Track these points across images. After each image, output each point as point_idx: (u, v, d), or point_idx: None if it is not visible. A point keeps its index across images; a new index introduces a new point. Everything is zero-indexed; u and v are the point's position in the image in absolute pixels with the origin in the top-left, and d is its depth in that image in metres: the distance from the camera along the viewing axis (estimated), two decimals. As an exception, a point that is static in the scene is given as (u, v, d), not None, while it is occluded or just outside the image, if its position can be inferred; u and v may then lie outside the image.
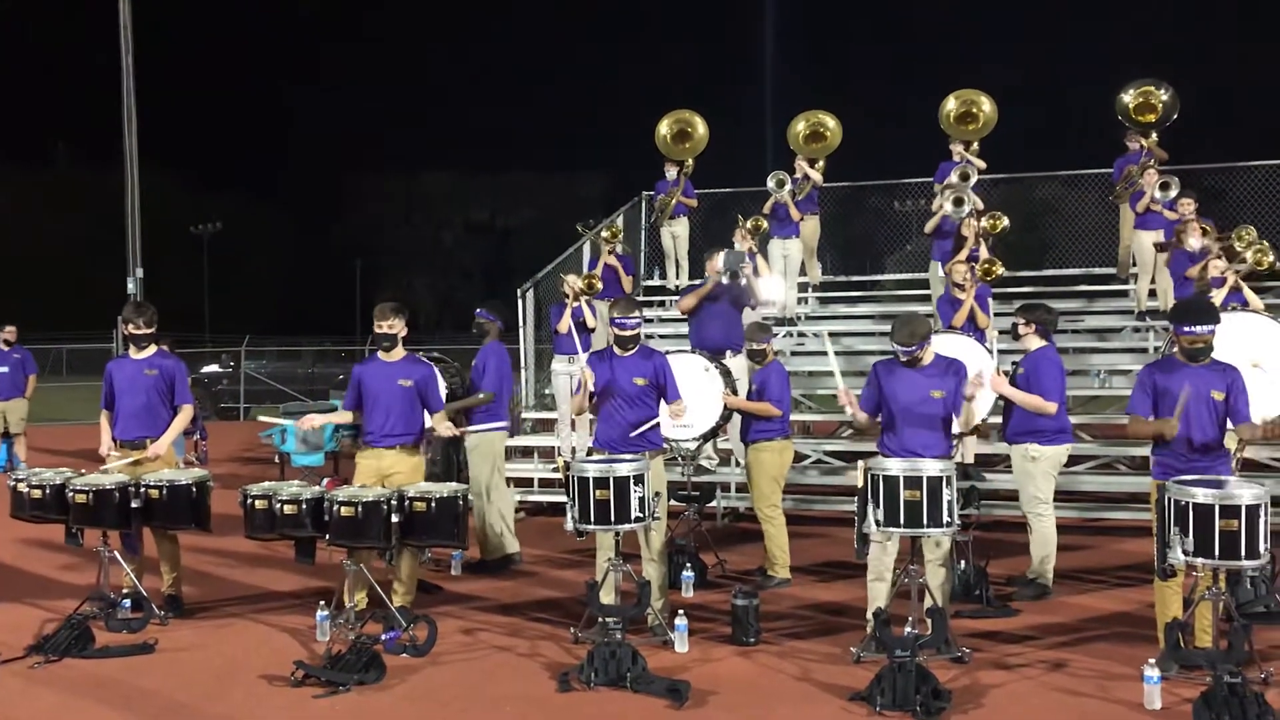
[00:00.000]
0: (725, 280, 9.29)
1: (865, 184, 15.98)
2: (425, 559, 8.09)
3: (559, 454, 10.94)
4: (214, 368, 25.88)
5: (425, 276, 48.01)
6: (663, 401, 6.57)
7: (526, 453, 11.74)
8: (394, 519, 6.29)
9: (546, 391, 12.18)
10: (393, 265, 48.23)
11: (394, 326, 6.90)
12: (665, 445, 7.14)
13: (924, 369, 6.11)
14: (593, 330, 10.83)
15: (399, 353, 6.99)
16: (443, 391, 8.45)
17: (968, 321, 9.45)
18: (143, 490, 6.79)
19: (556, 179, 46.01)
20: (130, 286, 18.04)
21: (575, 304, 10.62)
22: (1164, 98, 11.94)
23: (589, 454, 6.63)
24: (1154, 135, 11.96)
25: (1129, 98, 12.02)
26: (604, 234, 12.29)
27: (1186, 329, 5.67)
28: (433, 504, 6.35)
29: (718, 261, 9.41)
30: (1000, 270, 10.46)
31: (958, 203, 10.83)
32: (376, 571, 6.83)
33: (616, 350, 6.63)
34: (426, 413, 6.96)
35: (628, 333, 6.55)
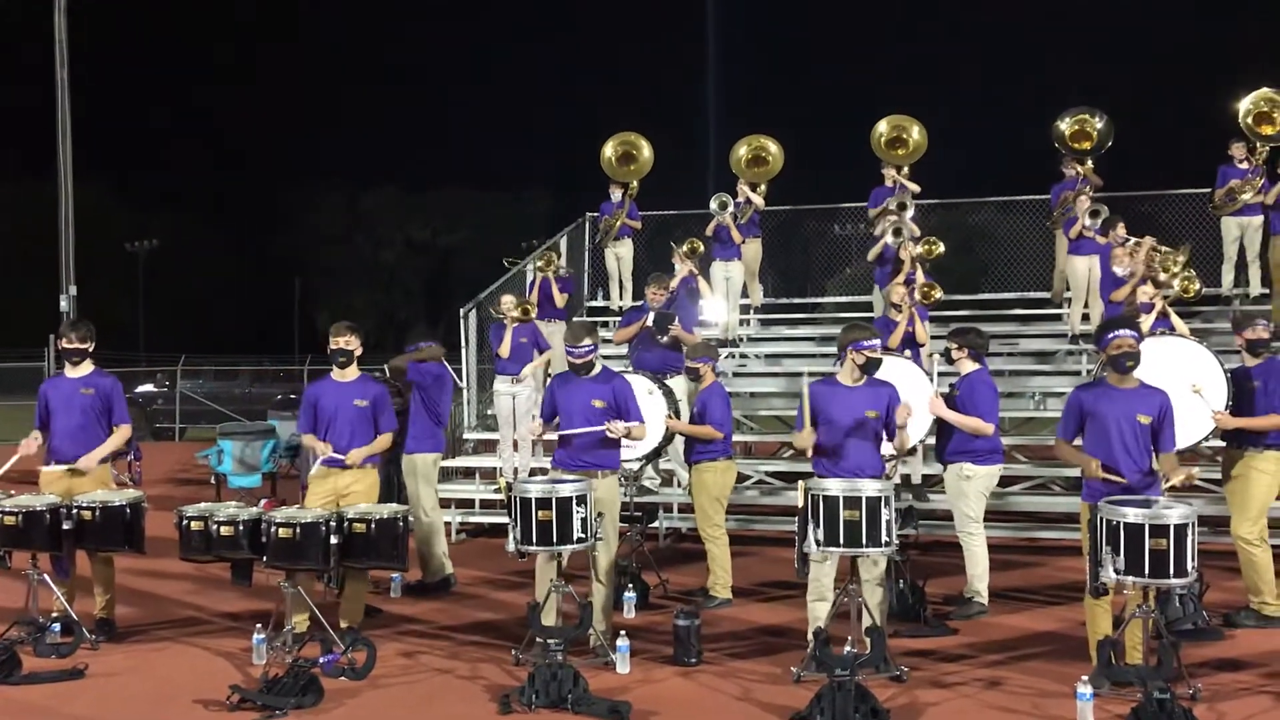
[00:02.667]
0: (651, 326, 9.48)
1: (805, 208, 16.16)
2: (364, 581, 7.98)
3: (500, 475, 10.88)
4: (149, 387, 25.38)
5: (366, 295, 47.48)
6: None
7: (468, 473, 11.66)
8: (333, 540, 6.21)
9: (489, 412, 12.11)
10: (333, 283, 47.69)
11: (350, 343, 6.89)
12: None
13: (858, 389, 6.19)
14: (540, 351, 10.80)
15: (353, 372, 6.95)
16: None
17: (908, 340, 9.57)
18: (75, 511, 6.64)
19: (501, 197, 45.83)
20: (63, 304, 17.66)
21: (515, 325, 10.61)
22: (1099, 126, 12.22)
23: (536, 474, 6.62)
24: (1089, 162, 12.21)
25: (1065, 125, 12.28)
26: (538, 261, 12.35)
27: (1110, 336, 5.82)
28: (373, 525, 6.29)
29: (649, 317, 9.57)
30: (939, 294, 10.62)
31: (896, 232, 11.01)
32: (316, 594, 6.73)
33: (576, 374, 6.65)
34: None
35: (579, 360, 6.57)
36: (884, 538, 5.68)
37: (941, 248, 10.79)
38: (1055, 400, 11.58)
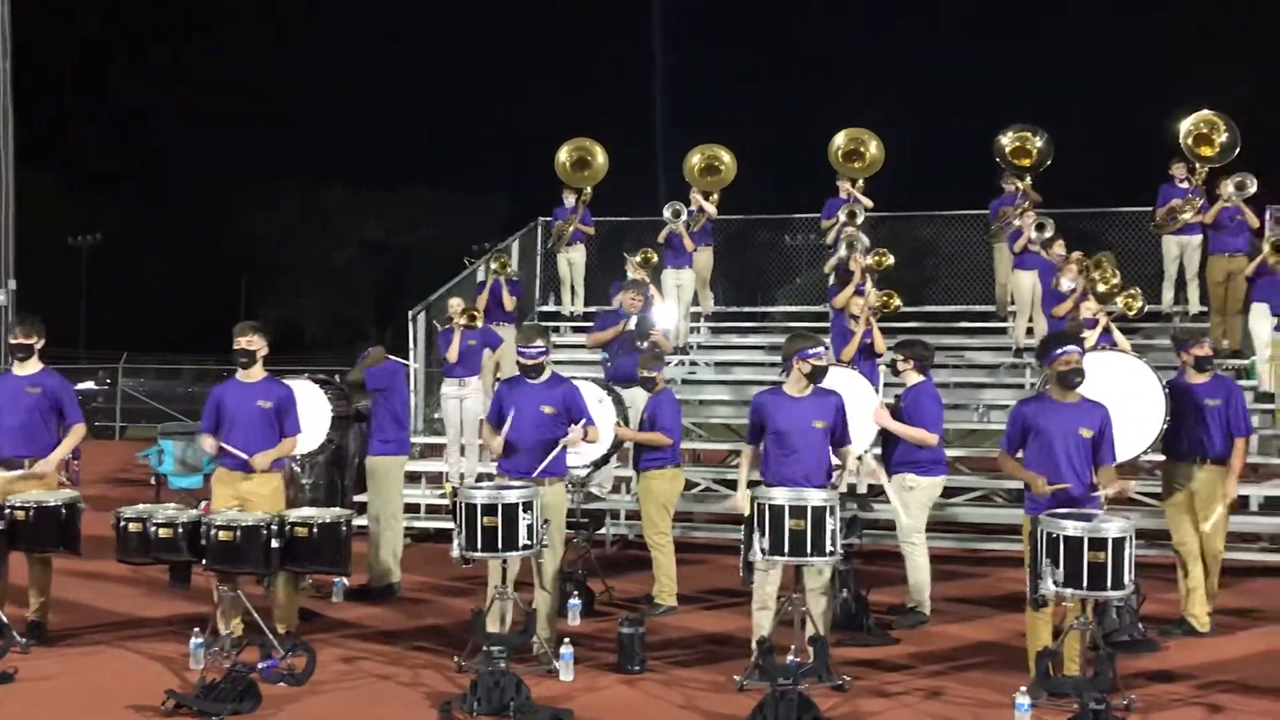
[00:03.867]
0: (634, 331, 9.53)
1: (757, 218, 16.22)
2: (306, 585, 7.89)
3: (447, 480, 10.81)
4: (89, 385, 24.94)
5: (315, 294, 46.88)
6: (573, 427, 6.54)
7: (414, 478, 11.56)
8: (274, 544, 6.13)
9: (435, 416, 12.03)
10: (281, 282, 47.03)
11: (253, 343, 6.78)
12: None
13: (804, 399, 6.22)
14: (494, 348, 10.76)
15: (258, 372, 6.86)
16: (321, 417, 8.31)
17: (865, 350, 9.62)
18: (8, 511, 6.48)
19: (456, 198, 45.47)
20: (2, 299, 17.27)
21: (463, 329, 10.55)
22: (1039, 144, 12.38)
23: (483, 479, 6.57)
24: (1028, 179, 12.38)
25: (1006, 141, 12.45)
26: (492, 264, 12.25)
27: (1057, 352, 5.89)
28: (315, 529, 6.22)
29: (630, 322, 9.60)
30: (897, 303, 10.73)
31: (849, 245, 11.09)
32: (254, 598, 6.63)
33: (526, 378, 6.61)
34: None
35: (530, 361, 6.53)
36: (829, 547, 5.71)
37: (891, 259, 10.88)
38: (999, 413, 11.73)
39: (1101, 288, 9.97)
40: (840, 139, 13.01)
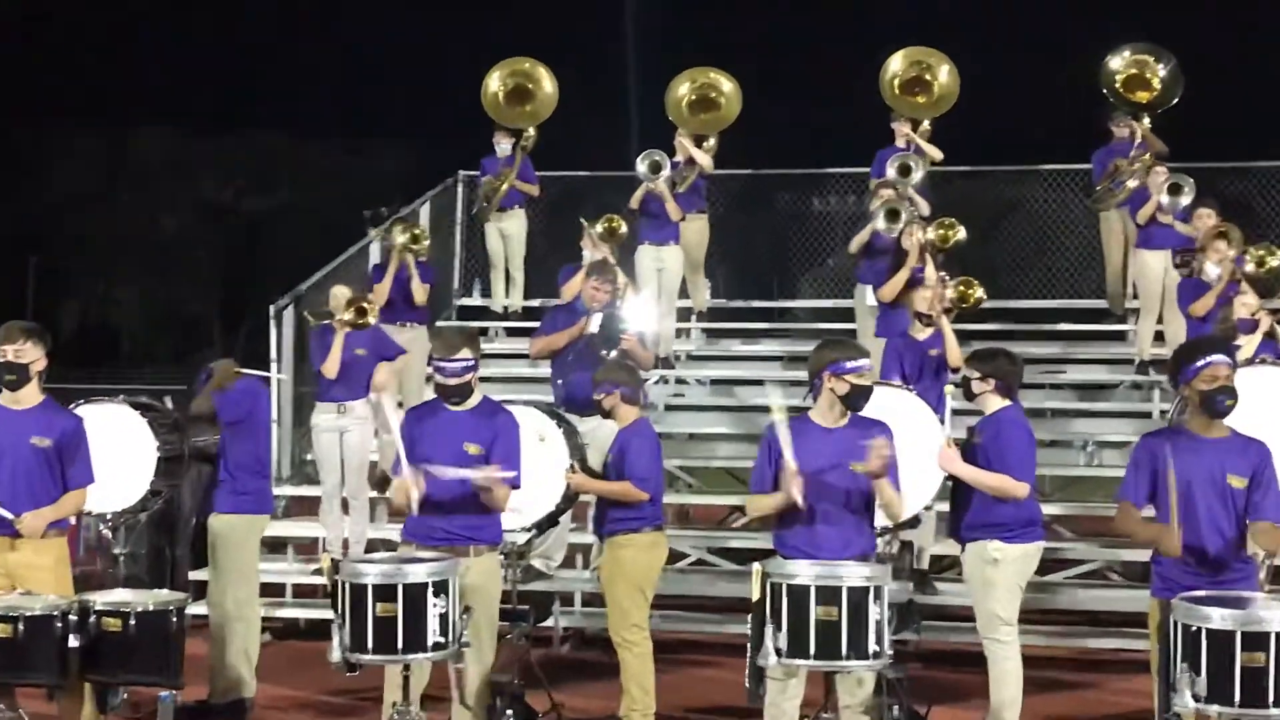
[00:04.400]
0: (594, 333, 9.52)
1: (773, 173, 16.30)
2: (118, 702, 7.80)
3: (324, 549, 10.75)
4: None
5: (135, 281, 46.46)
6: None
7: (277, 547, 11.51)
8: (72, 642, 6.09)
9: (307, 457, 11.98)
10: (85, 263, 46.53)
11: (23, 353, 6.75)
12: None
13: (839, 432, 6.24)
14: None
15: (32, 395, 6.84)
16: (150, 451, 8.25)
17: (923, 365, 9.67)
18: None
19: (333, 147, 45.18)
20: None
21: (348, 330, 10.51)
22: (1163, 72, 12.47)
23: (376, 548, 6.54)
24: (1147, 120, 12.49)
25: (1118, 65, 12.54)
26: (399, 238, 12.13)
27: (1198, 365, 5.91)
28: (132, 621, 6.19)
29: (593, 322, 9.63)
30: (979, 295, 10.62)
31: (891, 216, 11.07)
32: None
33: (446, 405, 6.59)
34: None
35: (454, 380, 6.52)
36: (872, 646, 5.71)
37: (962, 233, 10.94)
38: (1116, 453, 11.79)
39: (1250, 267, 10.04)
40: (898, 63, 13.08)
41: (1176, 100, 12.49)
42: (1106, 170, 12.87)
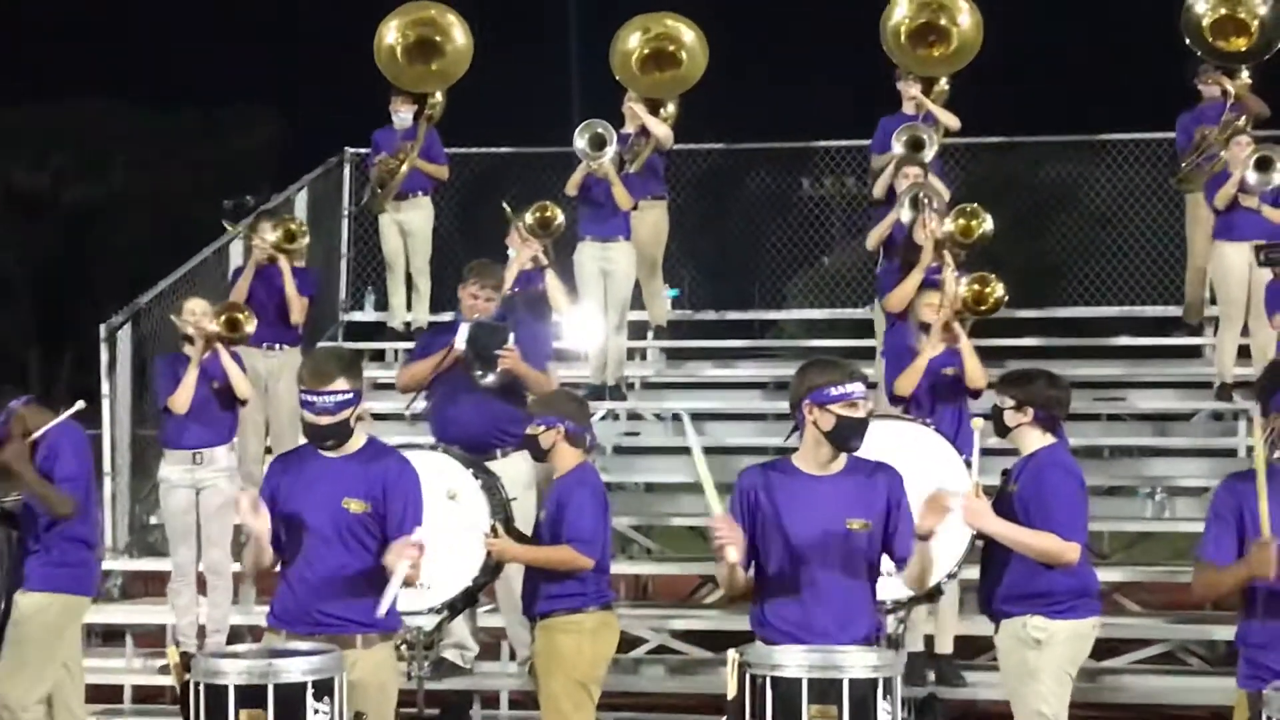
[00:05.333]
0: (465, 352, 9.40)
1: (750, 147, 16.34)
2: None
3: (174, 640, 10.68)
4: None
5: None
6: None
7: (112, 637, 11.45)
8: None
9: (151, 520, 11.90)
10: None
11: None
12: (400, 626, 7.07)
13: (830, 480, 6.24)
14: (243, 403, 10.68)
15: None
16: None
17: (947, 386, 9.72)
18: None
19: (183, 118, 44.85)
20: None
21: (207, 354, 10.46)
22: (1263, 11, 12.60)
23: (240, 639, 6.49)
24: (1245, 74, 12.60)
25: (1204, 9, 12.65)
26: (268, 235, 12.06)
27: None
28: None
29: (459, 338, 9.48)
30: (999, 295, 10.66)
31: (915, 202, 11.11)
32: None
33: (319, 449, 6.55)
34: None
35: (326, 419, 6.46)
36: (883, 756, 5.71)
37: (989, 224, 10.97)
38: (1191, 501, 11.85)
39: None
40: (904, 6, 13.14)
41: None
42: (1194, 141, 12.94)
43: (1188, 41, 12.66)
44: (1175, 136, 13.40)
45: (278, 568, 6.51)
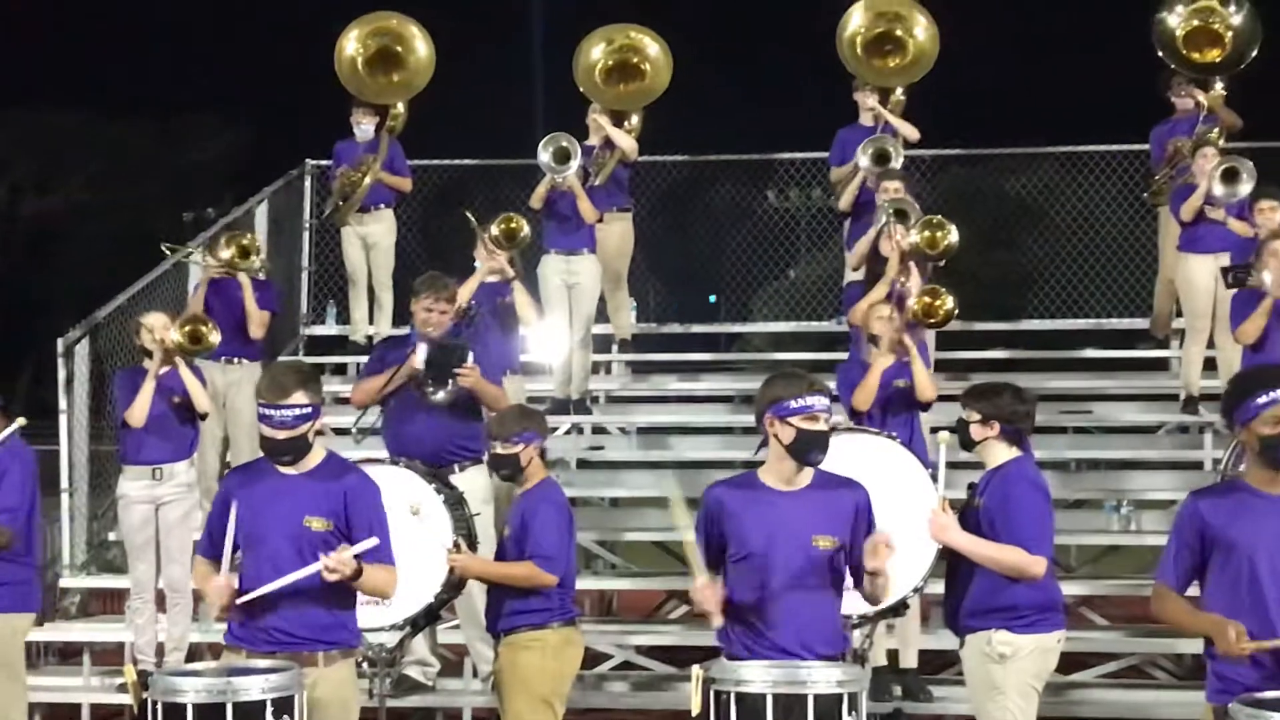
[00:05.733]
0: (422, 370, 9.40)
1: (716, 159, 16.35)
2: None
3: (132, 658, 10.64)
4: None
5: None
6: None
7: (70, 655, 11.39)
8: None
9: (109, 536, 11.85)
10: None
11: None
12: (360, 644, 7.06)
13: (795, 495, 6.26)
14: (203, 418, 10.65)
15: None
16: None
17: (898, 398, 9.74)
18: None
19: (142, 128, 44.55)
20: None
21: (165, 368, 10.43)
22: (1235, 21, 12.63)
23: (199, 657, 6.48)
24: (1219, 85, 12.63)
25: (1177, 19, 12.67)
26: (222, 252, 11.99)
27: (1257, 402, 5.94)
28: None
29: (418, 354, 9.46)
30: (949, 307, 10.69)
31: (902, 218, 11.10)
32: None
33: (278, 467, 6.55)
34: None
35: (284, 433, 6.45)
36: (847, 771, 5.73)
37: (955, 236, 10.99)
38: (1157, 515, 11.89)
39: None
40: (859, 15, 13.17)
41: (1253, 54, 12.62)
42: (1166, 153, 12.98)
43: (1160, 53, 12.67)
44: (1145, 148, 13.45)
45: (236, 584, 6.50)
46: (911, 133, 12.80)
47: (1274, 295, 9.89)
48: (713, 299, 18.83)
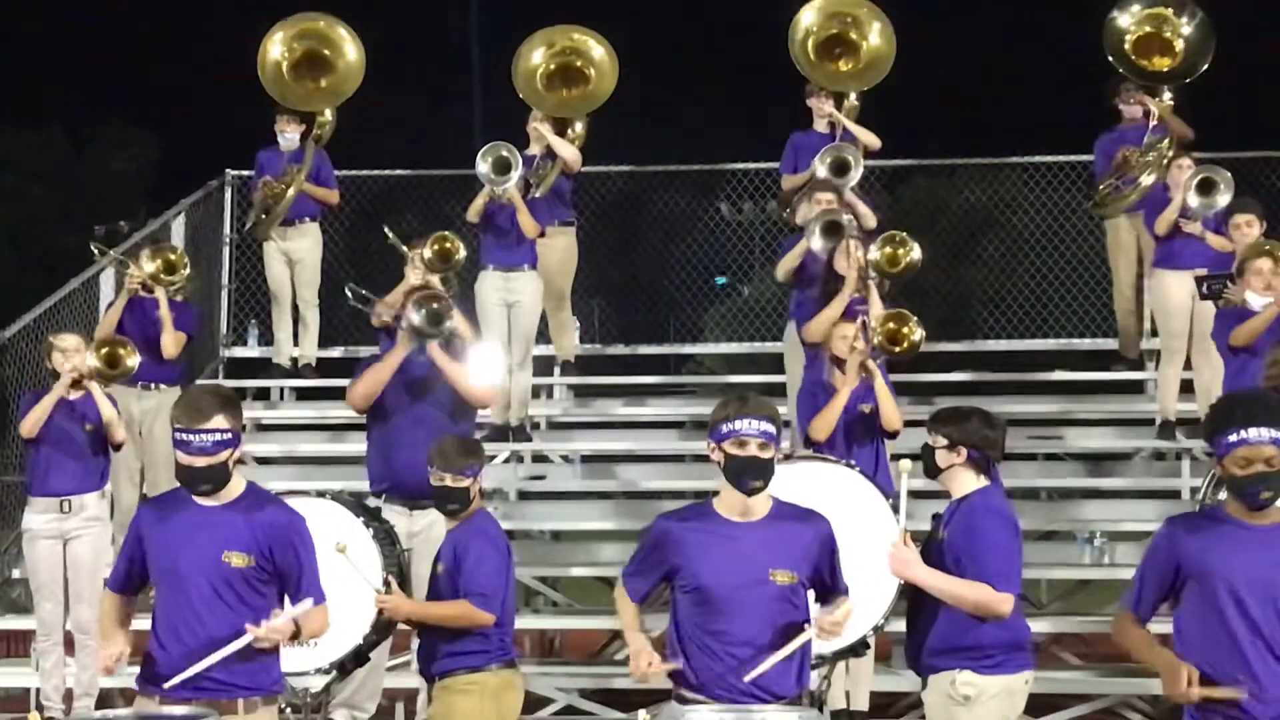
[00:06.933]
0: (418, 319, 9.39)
1: (665, 169, 16.36)
2: None
3: (38, 704, 10.58)
4: None
5: None
6: (287, 602, 6.42)
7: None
8: None
9: (14, 574, 11.79)
10: None
11: None
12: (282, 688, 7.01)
13: (751, 527, 6.24)
14: (117, 448, 10.59)
15: None
16: None
17: (861, 425, 9.75)
18: None
19: (48, 136, 44.35)
20: None
21: (78, 393, 10.37)
22: (1187, 31, 12.70)
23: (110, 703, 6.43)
24: (1168, 95, 12.73)
25: (1129, 23, 12.75)
26: (145, 265, 11.95)
27: (1233, 436, 5.96)
28: None
29: (411, 310, 9.44)
30: (918, 336, 10.66)
31: (832, 230, 11.09)
32: None
33: (196, 498, 6.49)
34: None
35: (202, 460, 6.38)
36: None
37: (917, 252, 11.01)
38: (1132, 547, 11.92)
39: None
40: (810, 15, 13.20)
41: (1205, 68, 12.70)
42: (1114, 162, 13.05)
43: (1110, 58, 12.78)
44: (1093, 159, 13.54)
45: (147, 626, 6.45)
46: (873, 141, 12.81)
47: (1278, 305, 9.95)
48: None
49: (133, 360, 10.83)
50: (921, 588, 7.33)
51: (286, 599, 6.43)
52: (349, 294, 11.07)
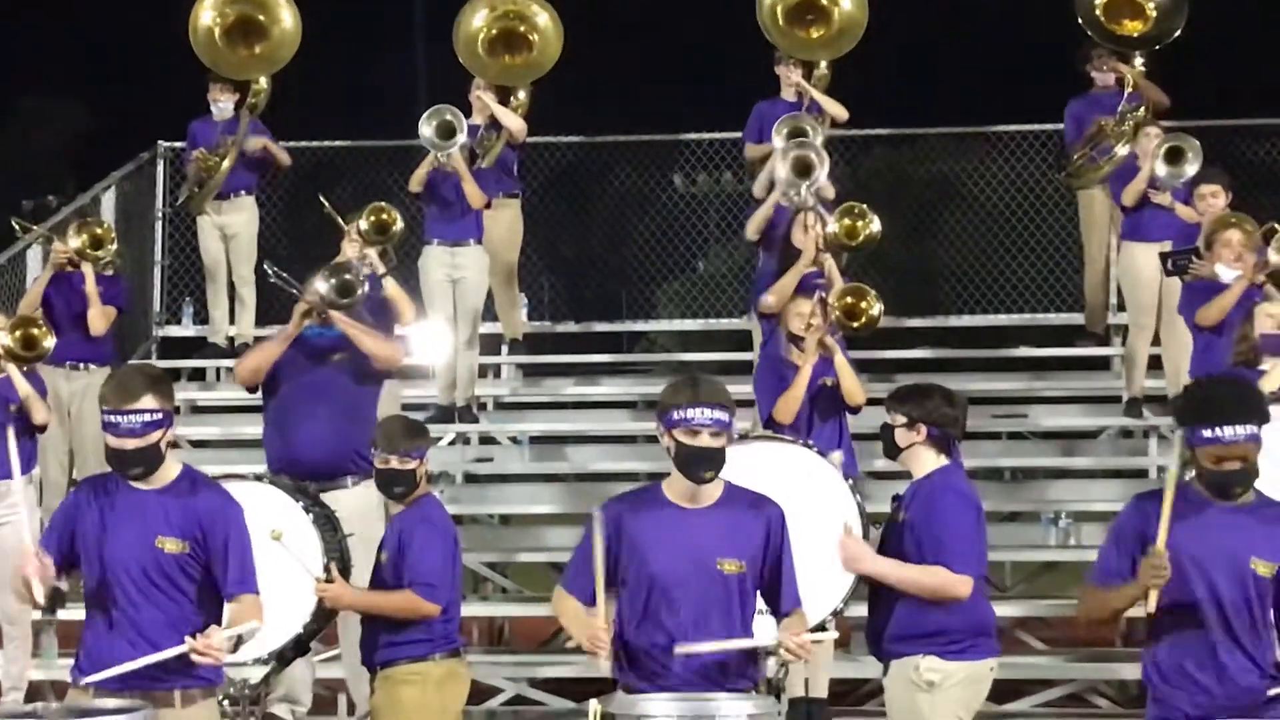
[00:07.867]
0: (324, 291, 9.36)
1: (614, 140, 16.33)
2: None
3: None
4: None
5: None
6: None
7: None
8: None
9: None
10: None
11: None
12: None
13: (701, 514, 6.26)
14: (41, 430, 10.58)
15: None
16: None
17: (825, 400, 9.80)
18: None
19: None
20: None
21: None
22: None
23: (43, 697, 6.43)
24: (1140, 62, 12.82)
25: None
26: (71, 240, 11.91)
27: (1207, 432, 6.00)
28: None
29: (314, 281, 9.41)
30: (876, 310, 10.68)
31: (802, 169, 11.09)
32: None
33: (124, 478, 6.49)
34: None
35: (132, 442, 6.37)
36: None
37: (876, 225, 11.03)
38: (1098, 527, 11.98)
39: (1276, 256, 10.24)
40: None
41: (1178, 33, 12.77)
42: (1086, 132, 13.14)
43: (1080, 21, 12.80)
44: (1065, 128, 13.58)
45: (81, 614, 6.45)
46: (840, 112, 12.83)
47: (1248, 278, 9.99)
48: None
49: (49, 341, 10.77)
50: (879, 575, 7.38)
51: (226, 608, 6.42)
52: (269, 274, 11.01)
